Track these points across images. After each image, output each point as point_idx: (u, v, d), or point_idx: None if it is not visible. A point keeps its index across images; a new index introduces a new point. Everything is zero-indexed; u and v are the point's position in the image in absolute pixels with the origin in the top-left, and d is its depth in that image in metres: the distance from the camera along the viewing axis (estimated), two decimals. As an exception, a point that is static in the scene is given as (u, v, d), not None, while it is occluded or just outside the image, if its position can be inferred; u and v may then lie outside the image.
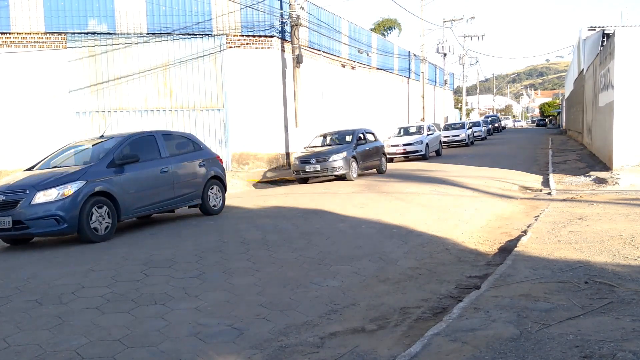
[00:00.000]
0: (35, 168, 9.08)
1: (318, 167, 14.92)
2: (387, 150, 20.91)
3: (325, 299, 5.20)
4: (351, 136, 16.35)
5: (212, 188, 10.37)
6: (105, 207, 8.15)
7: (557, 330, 3.78)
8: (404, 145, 21.66)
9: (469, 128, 32.60)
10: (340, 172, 14.83)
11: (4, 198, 7.73)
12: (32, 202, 7.64)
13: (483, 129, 37.99)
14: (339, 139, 16.74)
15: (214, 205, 10.38)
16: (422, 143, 21.67)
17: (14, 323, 4.73)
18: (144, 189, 8.91)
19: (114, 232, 8.37)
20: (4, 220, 7.66)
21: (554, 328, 3.82)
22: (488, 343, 3.64)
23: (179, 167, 9.66)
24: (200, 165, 10.17)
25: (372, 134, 17.66)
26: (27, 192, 7.73)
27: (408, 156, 22.02)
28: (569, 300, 4.41)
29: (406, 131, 24.13)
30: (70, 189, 7.80)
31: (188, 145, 10.30)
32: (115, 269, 6.34)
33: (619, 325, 3.76)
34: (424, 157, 21.60)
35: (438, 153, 24.03)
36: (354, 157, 15.34)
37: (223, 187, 10.75)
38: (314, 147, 16.64)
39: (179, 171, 9.63)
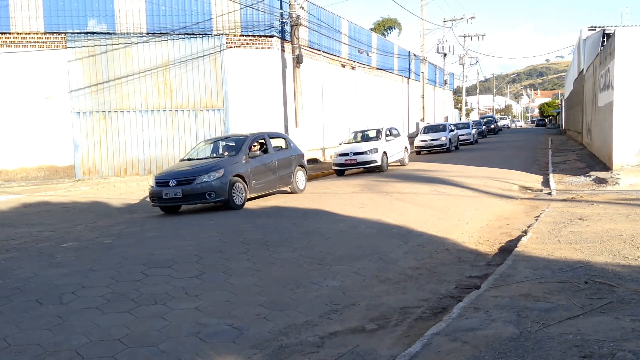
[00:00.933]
0: None
1: (179, 191, 10.47)
2: (335, 160, 17.85)
3: (325, 299, 5.21)
4: (242, 144, 11.76)
5: None
6: None
7: (557, 330, 3.78)
8: (355, 154, 17.40)
9: (452, 131, 27.67)
10: (215, 198, 10.58)
11: None
12: None
13: (472, 131, 32.56)
14: (229, 148, 12.23)
15: None
16: (377, 152, 17.44)
17: (14, 323, 4.73)
18: None
19: None
20: None
21: (553, 328, 3.82)
22: (488, 343, 3.64)
23: None
24: None
25: (284, 138, 13.72)
26: None
27: (366, 167, 17.90)
28: (569, 300, 4.41)
29: (364, 136, 19.59)
30: None
31: None
32: (115, 269, 6.34)
33: (619, 325, 3.77)
34: (380, 169, 17.73)
35: (402, 163, 20.00)
36: (239, 175, 10.99)
37: None
38: (190, 159, 12.17)
39: None
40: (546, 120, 78.52)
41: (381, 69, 32.37)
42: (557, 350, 3.42)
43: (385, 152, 17.96)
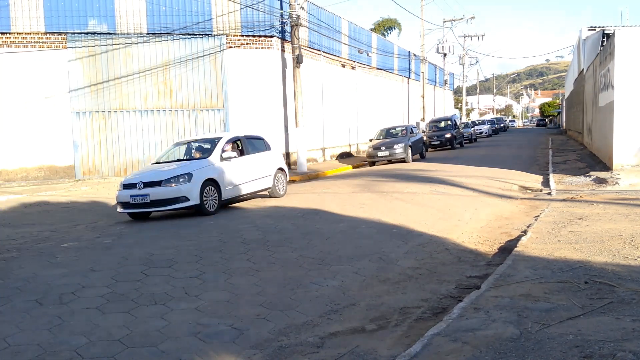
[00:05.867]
0: None
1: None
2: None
3: (325, 299, 5.20)
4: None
5: None
6: None
7: (558, 330, 3.77)
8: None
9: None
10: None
11: None
12: None
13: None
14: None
15: None
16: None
17: (14, 323, 4.72)
18: None
19: None
20: None
21: (554, 328, 3.82)
22: (488, 343, 3.64)
23: None
24: None
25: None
26: None
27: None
28: (569, 300, 4.41)
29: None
30: None
31: None
32: (115, 269, 6.34)
33: (619, 325, 3.76)
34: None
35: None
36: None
37: None
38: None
39: None
40: (547, 120, 78.54)
41: (381, 69, 32.35)
42: (558, 351, 3.41)
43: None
